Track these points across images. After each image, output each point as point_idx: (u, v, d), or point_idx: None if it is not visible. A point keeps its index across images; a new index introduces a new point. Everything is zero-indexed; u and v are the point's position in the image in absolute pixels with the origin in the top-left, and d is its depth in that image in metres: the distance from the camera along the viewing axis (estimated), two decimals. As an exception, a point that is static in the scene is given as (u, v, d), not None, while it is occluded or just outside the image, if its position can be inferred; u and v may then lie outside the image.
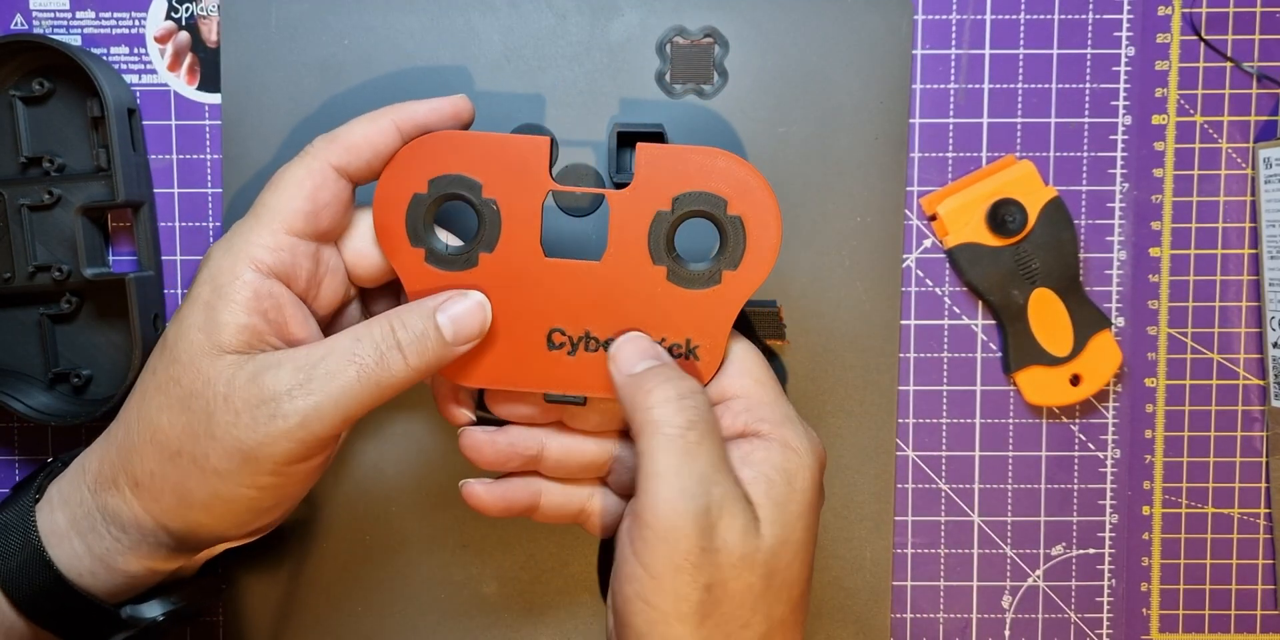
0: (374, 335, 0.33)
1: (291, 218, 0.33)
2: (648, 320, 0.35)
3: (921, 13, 0.44)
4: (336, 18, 0.43)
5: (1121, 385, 0.45)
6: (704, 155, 0.34)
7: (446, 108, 0.35)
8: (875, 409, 0.44)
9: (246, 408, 0.32)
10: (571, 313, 0.35)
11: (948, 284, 0.45)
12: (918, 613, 0.46)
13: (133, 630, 0.36)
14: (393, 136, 0.34)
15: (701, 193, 0.34)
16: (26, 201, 0.42)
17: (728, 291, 0.35)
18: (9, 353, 0.43)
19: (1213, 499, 0.45)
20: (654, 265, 0.35)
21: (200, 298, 0.33)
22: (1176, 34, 0.44)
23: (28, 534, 0.34)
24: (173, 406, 0.33)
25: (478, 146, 0.34)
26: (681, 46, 0.43)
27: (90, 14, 0.43)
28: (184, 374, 0.32)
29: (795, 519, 0.33)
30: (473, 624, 0.45)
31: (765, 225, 0.34)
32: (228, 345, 0.32)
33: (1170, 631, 0.46)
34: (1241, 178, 0.45)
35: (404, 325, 0.33)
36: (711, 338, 0.35)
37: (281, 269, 0.33)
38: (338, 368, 0.32)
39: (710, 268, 0.35)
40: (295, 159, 0.34)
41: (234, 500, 0.33)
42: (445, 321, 0.34)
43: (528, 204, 0.35)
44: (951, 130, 0.44)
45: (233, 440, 0.32)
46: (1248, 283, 0.45)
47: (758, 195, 0.34)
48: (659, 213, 0.34)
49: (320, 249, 0.35)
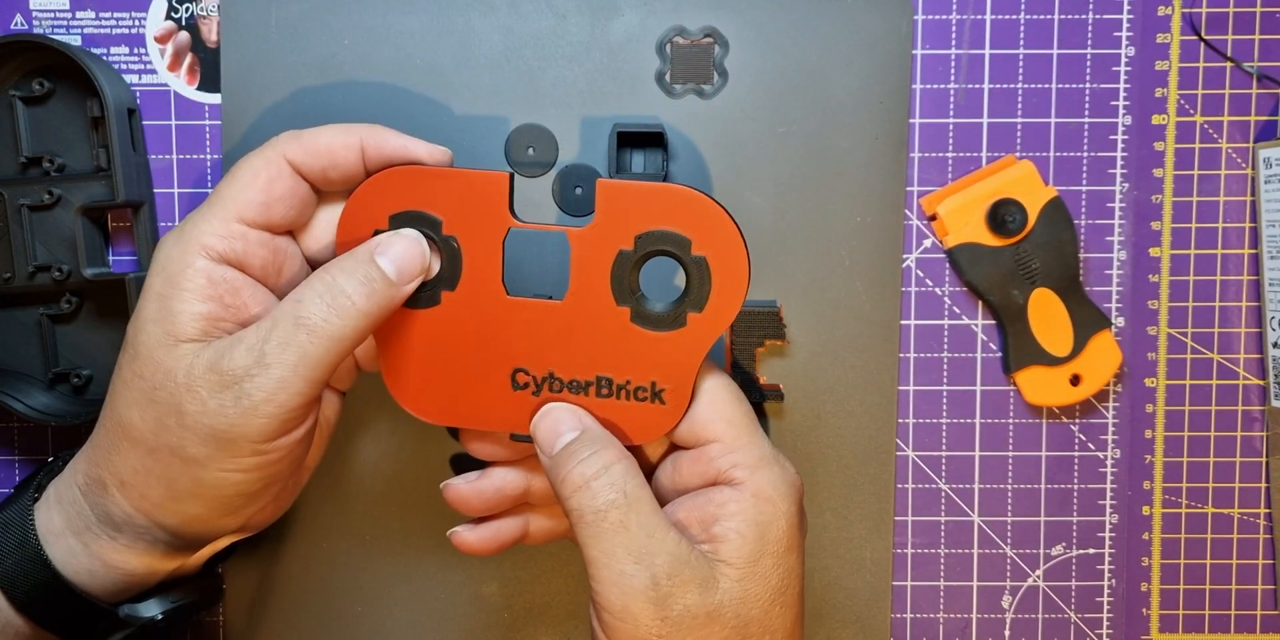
0: (316, 290, 0.32)
1: (243, 207, 0.33)
2: (612, 361, 0.34)
3: (921, 13, 0.44)
4: (336, 18, 0.43)
5: (1121, 385, 0.45)
6: (667, 193, 0.33)
7: (420, 152, 0.34)
8: (875, 409, 0.44)
9: (211, 395, 0.31)
10: (535, 353, 0.34)
11: (948, 284, 0.45)
12: (918, 613, 0.46)
13: (130, 629, 0.36)
14: (355, 153, 0.34)
15: (665, 232, 0.33)
16: (26, 201, 0.42)
17: (694, 334, 0.33)
18: (9, 353, 0.43)
19: (1213, 499, 0.45)
20: (617, 306, 0.34)
21: (153, 289, 0.33)
22: (1176, 34, 0.44)
23: (26, 532, 0.34)
24: (140, 401, 0.32)
25: (437, 183, 0.34)
26: (681, 46, 0.43)
27: (90, 14, 0.43)
28: (145, 368, 0.32)
29: (769, 569, 0.32)
30: (473, 624, 0.45)
31: (732, 266, 0.33)
32: (183, 334, 0.32)
33: (1170, 631, 0.46)
34: (1241, 178, 0.45)
35: (344, 271, 0.33)
36: (678, 380, 0.34)
37: (233, 256, 0.33)
38: (288, 335, 0.32)
39: (675, 310, 0.33)
40: (256, 150, 0.34)
41: (220, 485, 0.33)
42: (386, 262, 0.33)
43: (488, 241, 0.34)
44: (951, 130, 0.44)
45: (204, 427, 0.32)
46: (1248, 283, 0.45)
47: (723, 235, 0.33)
48: (621, 252, 0.33)
49: (275, 239, 0.35)
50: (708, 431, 0.34)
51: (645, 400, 0.34)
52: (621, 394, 0.34)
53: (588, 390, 0.34)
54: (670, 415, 0.34)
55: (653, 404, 0.34)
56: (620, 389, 0.34)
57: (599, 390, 0.34)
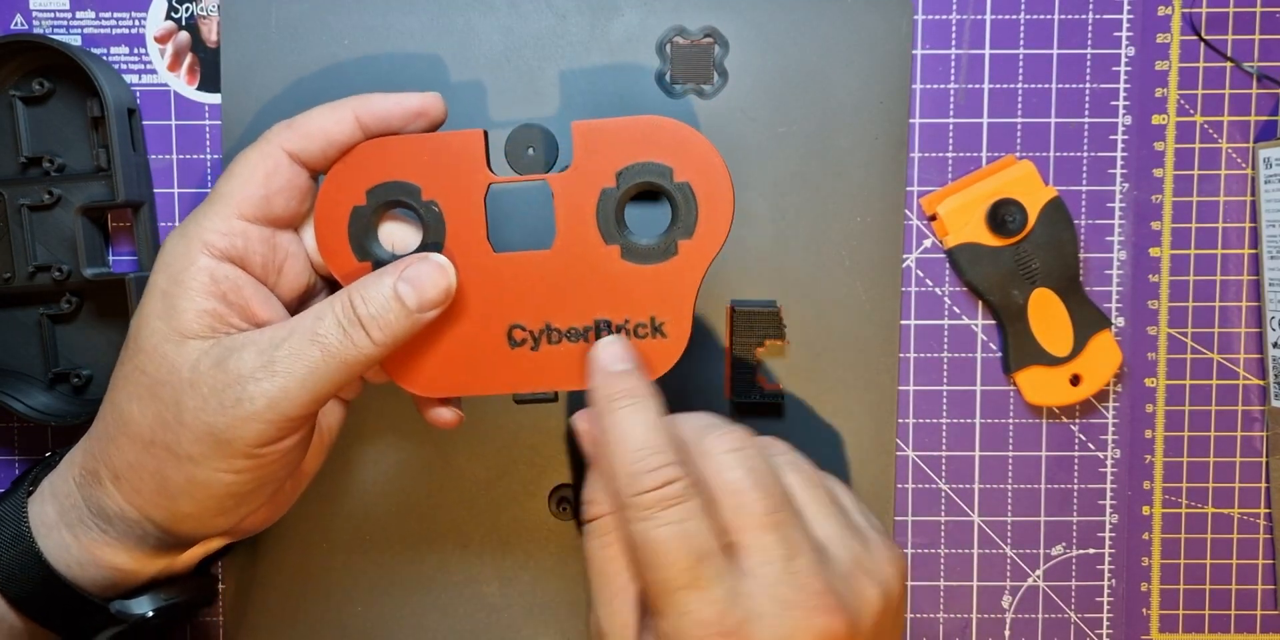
0: (335, 311, 0.32)
1: (243, 203, 0.33)
2: (608, 302, 0.34)
3: (921, 13, 0.44)
4: (336, 18, 0.43)
5: (1121, 385, 0.45)
6: (642, 124, 0.33)
7: (413, 103, 0.34)
8: (875, 409, 0.44)
9: (213, 392, 0.31)
10: (529, 306, 0.34)
11: (948, 284, 0.45)
12: (918, 613, 0.46)
13: (122, 625, 0.36)
14: (350, 126, 0.34)
15: (645, 164, 0.33)
16: (26, 201, 0.42)
17: (686, 262, 0.34)
18: (9, 353, 0.43)
19: (1213, 499, 0.45)
20: (606, 245, 0.34)
21: (158, 286, 0.33)
22: (1176, 34, 0.44)
23: (19, 526, 0.34)
24: (141, 396, 0.33)
25: (411, 149, 0.34)
26: (681, 46, 0.43)
27: (90, 14, 0.43)
28: (148, 363, 0.32)
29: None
30: (473, 624, 0.45)
31: (716, 188, 0.33)
32: (190, 331, 0.32)
33: (1170, 631, 0.46)
34: (1241, 178, 0.45)
35: (365, 300, 0.32)
36: (676, 311, 0.34)
37: (234, 253, 0.33)
38: (300, 348, 0.32)
39: (664, 239, 0.33)
40: (252, 144, 0.34)
41: (211, 484, 0.33)
42: (406, 290, 0.33)
43: (469, 201, 0.34)
44: (951, 130, 0.44)
45: (202, 425, 0.32)
46: (1248, 283, 0.45)
47: (704, 158, 0.33)
48: (604, 190, 0.33)
49: (276, 234, 0.34)
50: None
51: (646, 336, 0.34)
52: (622, 333, 0.34)
53: (586, 336, 0.34)
54: (674, 347, 0.34)
55: (654, 339, 0.34)
56: (620, 328, 0.34)
57: (599, 333, 0.34)
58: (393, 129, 0.34)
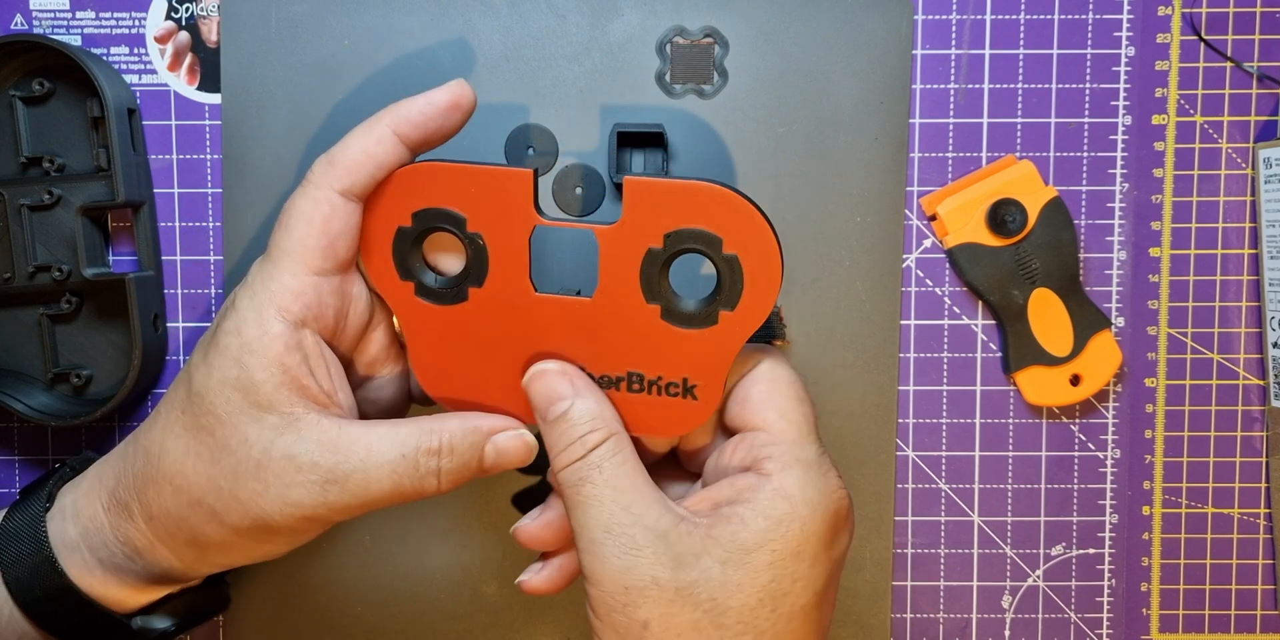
0: (419, 457, 0.33)
1: (308, 256, 0.32)
2: (642, 358, 0.34)
3: (921, 13, 0.44)
4: (336, 18, 0.43)
5: (1121, 385, 0.45)
6: (696, 191, 0.31)
7: (443, 99, 0.33)
8: (875, 409, 0.44)
9: (277, 482, 0.32)
10: (563, 348, 0.34)
11: (948, 284, 0.45)
12: (918, 613, 0.46)
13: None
14: (391, 144, 0.33)
15: (695, 231, 0.32)
16: (26, 201, 0.42)
17: (725, 331, 0.33)
18: (9, 353, 0.43)
19: (1213, 499, 0.45)
20: (647, 303, 0.33)
21: (229, 349, 0.32)
22: (1176, 34, 0.44)
23: (39, 542, 0.34)
24: (201, 454, 0.32)
25: (460, 179, 0.33)
26: (681, 46, 0.43)
27: (90, 14, 0.43)
28: (219, 428, 0.32)
29: (763, 565, 0.31)
30: (473, 624, 0.45)
31: (765, 264, 0.32)
32: (265, 404, 0.32)
33: (1170, 631, 0.46)
34: (1241, 178, 0.45)
35: (452, 452, 0.33)
36: (709, 377, 0.33)
37: (308, 313, 0.33)
38: (375, 478, 0.32)
39: (706, 308, 0.33)
40: (299, 189, 0.33)
41: (249, 551, 0.34)
42: (492, 454, 0.34)
43: (514, 239, 0.33)
44: (951, 130, 0.44)
45: (255, 508, 0.32)
46: (1248, 283, 0.45)
47: (756, 232, 0.31)
48: (650, 250, 0.32)
49: (343, 280, 0.34)
50: (757, 418, 0.33)
51: (677, 396, 0.34)
52: (653, 389, 0.34)
53: (619, 385, 0.34)
54: (703, 410, 0.34)
55: (684, 399, 0.34)
56: (651, 385, 0.34)
57: (630, 385, 0.34)
58: (431, 132, 0.33)
